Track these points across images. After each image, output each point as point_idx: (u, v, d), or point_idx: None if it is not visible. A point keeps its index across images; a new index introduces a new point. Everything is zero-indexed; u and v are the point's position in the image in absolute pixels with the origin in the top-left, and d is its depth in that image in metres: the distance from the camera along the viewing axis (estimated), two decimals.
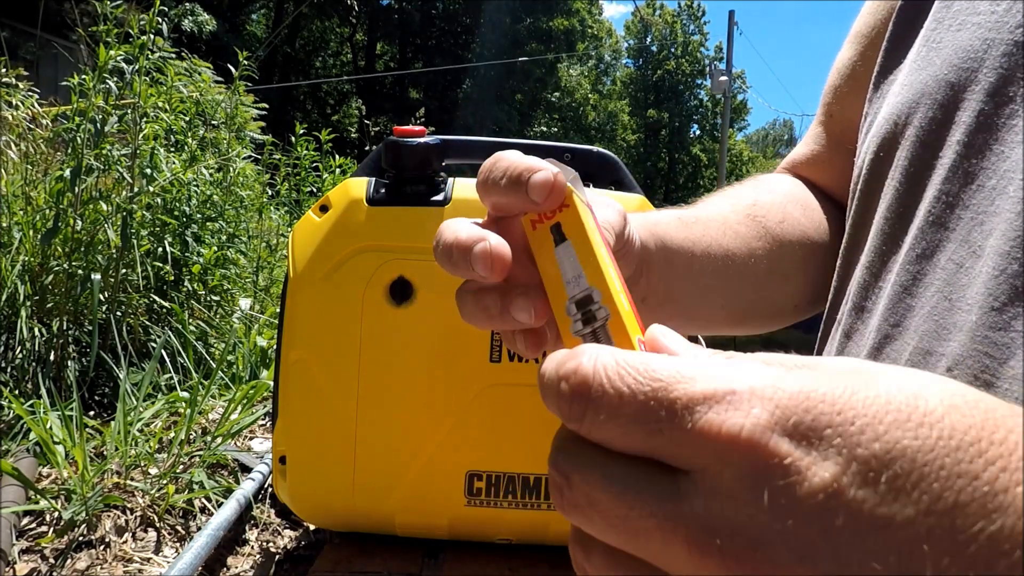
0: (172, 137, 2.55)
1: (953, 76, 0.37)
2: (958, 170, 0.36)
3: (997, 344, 0.31)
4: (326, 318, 1.04)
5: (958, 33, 0.38)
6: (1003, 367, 0.30)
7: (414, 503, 1.09)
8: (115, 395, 1.86)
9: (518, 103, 26.16)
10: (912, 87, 0.40)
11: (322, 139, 3.72)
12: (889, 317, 0.38)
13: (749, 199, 0.54)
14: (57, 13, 4.90)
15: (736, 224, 0.51)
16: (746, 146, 36.16)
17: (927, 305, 0.36)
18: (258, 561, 1.33)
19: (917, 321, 0.36)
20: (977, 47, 0.37)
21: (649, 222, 0.45)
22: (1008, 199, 0.32)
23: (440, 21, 25.08)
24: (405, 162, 1.04)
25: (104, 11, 2.00)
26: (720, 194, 0.56)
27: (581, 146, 1.20)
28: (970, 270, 0.34)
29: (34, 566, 1.19)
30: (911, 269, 0.37)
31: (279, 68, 21.20)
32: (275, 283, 3.13)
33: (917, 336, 0.36)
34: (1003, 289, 0.31)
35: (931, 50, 0.40)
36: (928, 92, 0.39)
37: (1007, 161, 0.33)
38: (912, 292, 0.37)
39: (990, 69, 0.36)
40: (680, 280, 0.46)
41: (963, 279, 0.34)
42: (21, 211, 2.08)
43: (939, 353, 0.34)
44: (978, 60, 0.36)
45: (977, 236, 0.34)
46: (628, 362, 0.23)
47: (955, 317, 0.34)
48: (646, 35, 31.22)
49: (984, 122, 0.35)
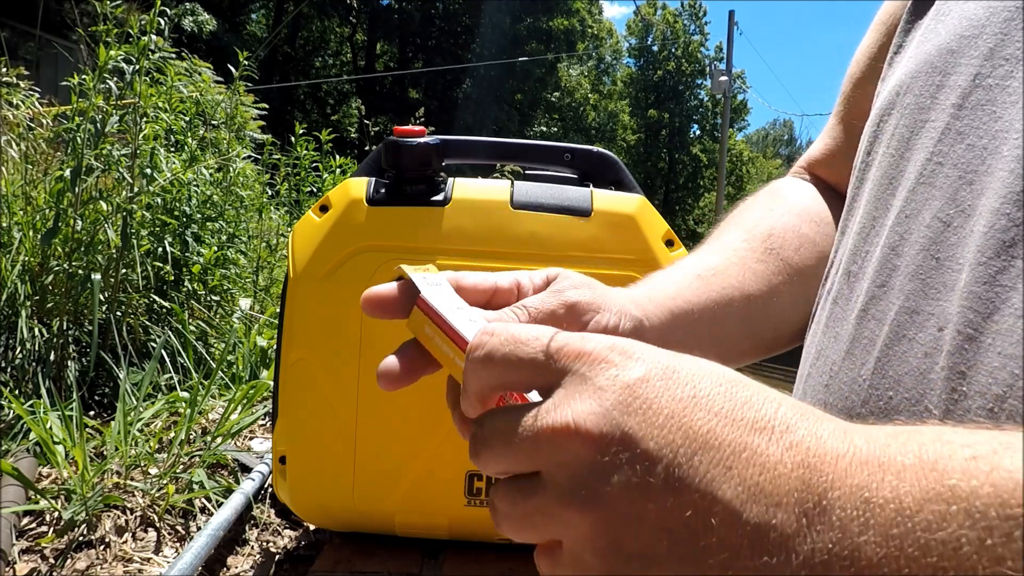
0: (172, 137, 2.55)
1: (955, 44, 0.37)
2: (949, 130, 0.35)
3: (981, 298, 0.30)
4: (326, 318, 1.04)
5: (965, 4, 0.38)
6: (987, 321, 0.30)
7: (414, 503, 1.09)
8: (115, 395, 1.86)
9: (518, 103, 26.16)
10: (916, 58, 0.40)
11: (322, 139, 3.72)
12: (876, 278, 0.38)
13: (765, 229, 0.54)
14: (57, 13, 4.90)
15: (754, 263, 0.51)
16: (746, 146, 36.12)
17: (912, 264, 0.35)
18: (258, 561, 1.34)
19: (902, 280, 0.36)
20: (980, 15, 0.36)
21: (667, 297, 0.48)
22: (1002, 158, 0.32)
23: (440, 21, 25.07)
24: (405, 162, 1.04)
25: (104, 11, 2.00)
26: (736, 222, 0.56)
27: (581, 146, 1.20)
28: (959, 229, 0.33)
29: (34, 566, 1.19)
30: (898, 230, 0.37)
31: (279, 68, 21.19)
32: (275, 283, 3.13)
33: (903, 296, 0.35)
34: (990, 244, 0.31)
35: (939, 22, 0.40)
36: (929, 60, 0.39)
37: (999, 121, 0.33)
38: (898, 252, 0.36)
39: (990, 34, 0.35)
40: (703, 337, 0.48)
41: (951, 238, 0.33)
42: (21, 211, 2.08)
43: (927, 312, 0.33)
44: (980, 27, 0.36)
45: (966, 194, 0.33)
46: None
47: (944, 276, 0.33)
48: (647, 35, 31.21)
49: (979, 83, 0.35)
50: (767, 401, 0.28)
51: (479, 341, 0.34)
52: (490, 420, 0.33)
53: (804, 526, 0.24)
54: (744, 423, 0.27)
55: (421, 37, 24.87)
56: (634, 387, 0.28)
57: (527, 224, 1.05)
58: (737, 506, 0.25)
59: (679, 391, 0.28)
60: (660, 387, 0.28)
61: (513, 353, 0.32)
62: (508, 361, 0.32)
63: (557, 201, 1.06)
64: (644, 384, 0.28)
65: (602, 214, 1.05)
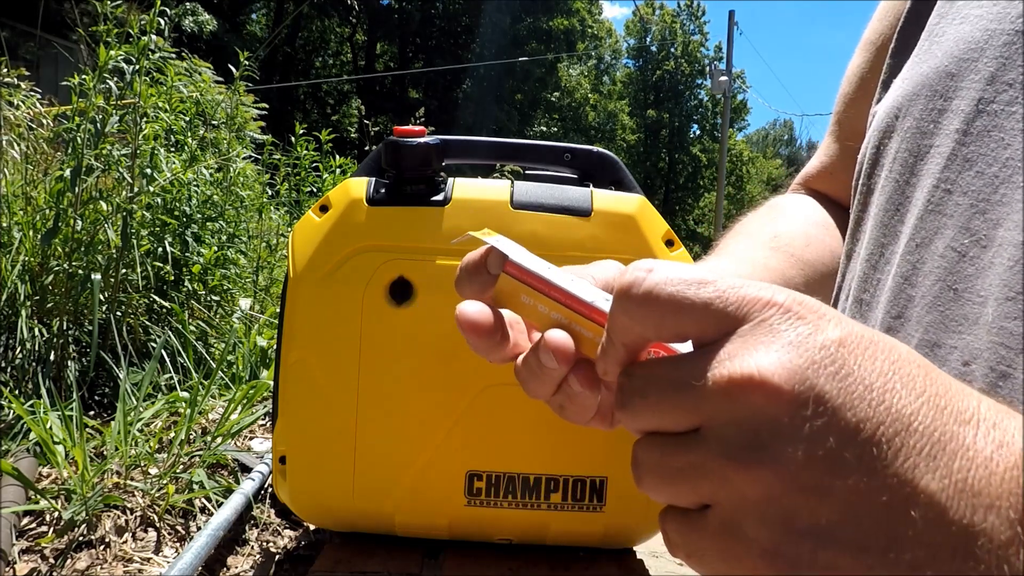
0: (172, 137, 2.55)
1: (953, 67, 0.37)
2: (956, 157, 0.35)
3: (1012, 333, 0.30)
4: (326, 318, 1.05)
5: (960, 26, 0.38)
6: (1019, 356, 0.29)
7: (414, 503, 1.09)
8: (115, 395, 1.86)
9: (518, 103, 26.15)
10: (912, 80, 0.40)
11: (322, 139, 3.72)
12: (891, 309, 0.37)
13: (769, 232, 0.53)
14: (57, 13, 4.90)
15: (765, 260, 0.50)
16: (746, 146, 36.08)
17: (928, 295, 0.35)
18: (258, 561, 1.34)
19: (919, 311, 0.35)
20: (978, 38, 0.36)
21: None
22: (1016, 188, 0.32)
23: (440, 21, 25.07)
24: (405, 162, 1.04)
25: (104, 11, 2.00)
26: (740, 232, 0.55)
27: (581, 146, 1.20)
28: (976, 259, 0.33)
29: (34, 566, 1.19)
30: (910, 259, 0.36)
31: (279, 68, 21.18)
32: (275, 283, 3.13)
33: (921, 328, 0.34)
34: (1018, 279, 0.30)
35: (933, 43, 0.40)
36: (927, 83, 0.38)
37: (1008, 149, 0.33)
38: (912, 282, 0.36)
39: (990, 58, 0.35)
40: None
41: (968, 268, 0.33)
42: (21, 211, 2.08)
43: (949, 346, 0.33)
44: (979, 50, 0.36)
45: (980, 224, 0.33)
46: None
47: (964, 309, 0.33)
48: (646, 35, 31.22)
49: (983, 109, 0.34)
50: (965, 391, 0.25)
51: (635, 278, 0.28)
52: (645, 368, 0.29)
53: (1020, 535, 0.22)
54: (949, 411, 0.24)
55: (421, 37, 24.87)
56: (831, 348, 0.25)
57: (527, 224, 1.05)
58: (942, 500, 0.23)
59: (880, 364, 0.25)
60: (859, 355, 0.25)
61: (682, 293, 0.27)
62: (674, 302, 0.27)
63: (557, 201, 1.06)
64: (842, 348, 0.25)
65: (602, 214, 1.05)
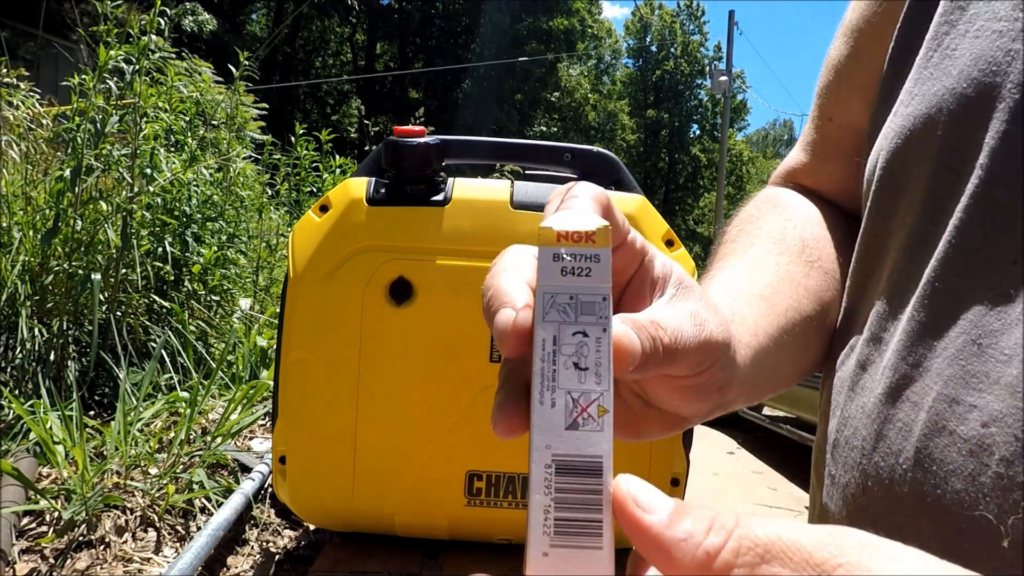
0: (172, 137, 2.55)
1: (972, 91, 0.35)
2: (983, 199, 0.33)
3: None
4: (326, 318, 1.05)
5: (976, 40, 0.36)
6: None
7: (414, 503, 1.09)
8: (115, 395, 1.86)
9: (518, 103, 26.15)
10: (925, 99, 0.38)
11: (322, 139, 3.72)
12: (908, 355, 0.35)
13: (797, 241, 0.50)
14: (57, 13, 4.90)
15: (803, 279, 0.47)
16: (746, 146, 36.08)
17: (951, 347, 0.33)
18: (258, 561, 1.34)
19: (940, 364, 0.34)
20: (1000, 59, 0.34)
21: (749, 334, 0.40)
22: None
23: (440, 21, 25.07)
24: (405, 162, 1.04)
25: (104, 11, 2.00)
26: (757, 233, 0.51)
27: (581, 146, 1.20)
28: (1003, 315, 0.31)
29: (34, 566, 1.19)
30: (931, 304, 0.35)
31: (279, 68, 21.19)
32: (275, 283, 3.13)
33: (941, 381, 0.33)
34: None
35: (944, 57, 0.37)
36: (945, 107, 0.36)
37: None
38: (932, 329, 0.34)
39: (1015, 85, 0.33)
40: (766, 373, 0.42)
41: (994, 324, 0.32)
42: (21, 211, 2.08)
43: (969, 404, 0.32)
44: (1001, 74, 0.34)
45: (1009, 278, 0.31)
46: None
47: (987, 367, 0.31)
48: (646, 35, 31.22)
49: (1010, 148, 0.33)
50: None
51: (742, 552, 0.20)
52: None
53: None
54: None
55: (421, 37, 24.87)
56: None
57: (527, 224, 1.05)
58: None
59: None
60: None
61: None
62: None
63: None
64: None
65: None
